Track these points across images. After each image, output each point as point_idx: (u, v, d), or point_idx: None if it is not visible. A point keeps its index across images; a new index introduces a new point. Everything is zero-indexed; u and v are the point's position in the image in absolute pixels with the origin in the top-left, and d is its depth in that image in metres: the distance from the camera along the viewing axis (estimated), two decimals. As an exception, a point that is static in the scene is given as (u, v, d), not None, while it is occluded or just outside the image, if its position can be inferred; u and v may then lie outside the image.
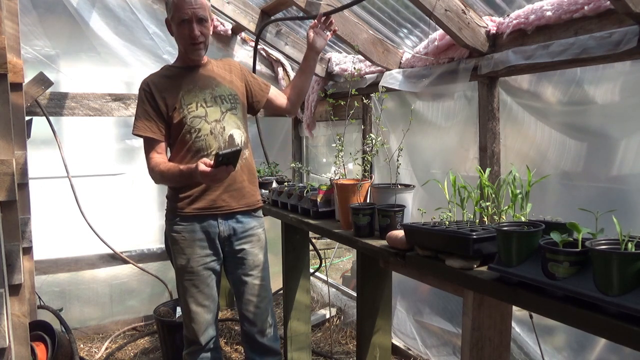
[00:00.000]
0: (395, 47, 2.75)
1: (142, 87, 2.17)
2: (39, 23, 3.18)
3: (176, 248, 2.18)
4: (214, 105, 2.16)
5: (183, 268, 2.18)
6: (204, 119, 2.13)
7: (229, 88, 2.23)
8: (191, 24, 2.05)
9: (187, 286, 2.18)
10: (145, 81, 2.19)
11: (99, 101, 3.30)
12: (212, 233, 2.17)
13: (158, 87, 2.15)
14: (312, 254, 3.27)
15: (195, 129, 2.12)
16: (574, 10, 1.77)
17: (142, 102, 2.16)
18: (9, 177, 1.79)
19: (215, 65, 2.27)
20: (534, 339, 2.08)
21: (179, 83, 2.16)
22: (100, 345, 3.39)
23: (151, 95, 2.14)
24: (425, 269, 1.66)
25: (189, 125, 2.11)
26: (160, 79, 2.18)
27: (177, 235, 2.17)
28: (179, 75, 2.18)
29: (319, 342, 3.42)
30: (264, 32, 3.18)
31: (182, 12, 2.03)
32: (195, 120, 2.12)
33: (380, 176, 2.93)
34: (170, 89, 2.15)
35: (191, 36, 2.06)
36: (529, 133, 2.16)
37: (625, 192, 1.81)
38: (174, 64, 2.25)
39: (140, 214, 3.64)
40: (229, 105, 2.20)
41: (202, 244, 2.17)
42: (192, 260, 2.16)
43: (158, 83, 2.16)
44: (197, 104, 2.14)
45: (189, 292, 2.18)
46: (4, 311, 1.57)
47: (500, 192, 1.64)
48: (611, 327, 1.08)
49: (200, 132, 2.12)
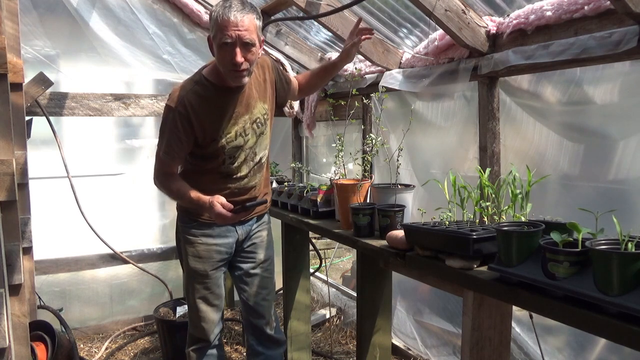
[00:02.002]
0: (395, 47, 2.75)
1: (178, 109, 1.91)
2: (39, 23, 3.18)
3: (191, 251, 2.14)
4: (251, 133, 2.06)
5: (196, 271, 2.15)
6: (241, 149, 2.04)
7: (263, 106, 2.09)
8: (234, 48, 1.79)
9: (199, 288, 2.16)
10: (182, 101, 1.92)
11: (99, 101, 3.30)
12: (230, 238, 2.16)
13: (197, 112, 1.92)
14: (312, 254, 3.27)
15: (233, 157, 2.04)
16: (574, 10, 1.77)
17: (174, 124, 1.93)
18: (9, 177, 1.79)
19: (254, 76, 2.05)
20: (534, 339, 2.08)
21: (218, 109, 1.96)
22: (100, 345, 3.39)
23: (188, 122, 1.92)
24: (425, 269, 1.66)
25: (227, 154, 2.02)
26: (199, 101, 1.93)
27: (193, 239, 2.13)
28: (217, 98, 1.96)
29: (319, 342, 3.42)
30: (264, 32, 3.18)
31: (226, 33, 1.77)
32: (233, 150, 2.03)
33: (380, 176, 2.93)
34: (210, 116, 1.95)
35: (233, 62, 1.81)
36: (529, 133, 2.16)
37: (625, 192, 1.81)
38: (210, 79, 1.97)
39: (140, 214, 3.64)
40: (263, 128, 2.10)
41: (219, 249, 2.15)
42: (208, 265, 2.14)
43: (196, 106, 1.93)
44: (237, 133, 2.01)
45: (200, 294, 2.17)
46: (4, 311, 1.57)
47: (500, 192, 1.64)
48: (611, 327, 1.08)
49: (236, 160, 2.05)
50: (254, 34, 1.82)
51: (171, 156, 2.00)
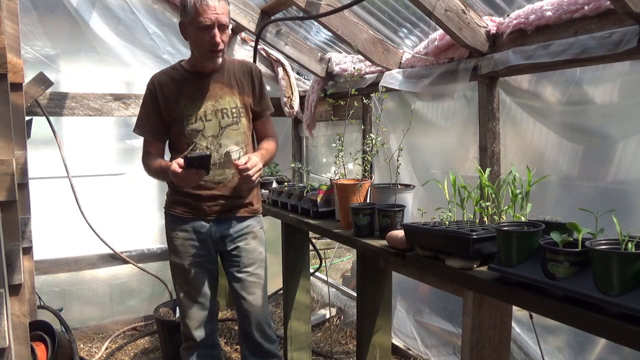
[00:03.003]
0: (395, 47, 2.75)
1: (149, 86, 2.14)
2: (39, 23, 3.18)
3: (171, 246, 2.24)
4: (214, 119, 2.11)
5: (176, 265, 2.23)
6: (202, 133, 2.10)
7: (234, 99, 2.15)
8: (213, 30, 1.94)
9: (181, 283, 2.23)
10: (153, 80, 2.14)
11: (99, 101, 3.30)
12: (203, 234, 2.19)
13: (163, 90, 2.10)
14: (312, 254, 3.27)
15: (192, 141, 2.09)
16: (574, 10, 1.77)
17: (145, 101, 2.14)
18: (9, 177, 1.79)
19: (229, 70, 2.17)
20: (534, 339, 2.08)
21: (183, 91, 2.10)
22: (100, 345, 3.39)
23: (155, 98, 2.11)
24: (425, 269, 1.66)
25: (187, 137, 2.10)
26: (168, 82, 2.12)
27: (172, 234, 2.22)
28: (186, 81, 2.11)
29: (319, 342, 3.42)
30: (264, 32, 3.18)
31: (205, 17, 1.91)
32: (193, 133, 2.10)
33: (380, 176, 2.93)
34: (174, 95, 2.10)
35: (212, 43, 1.96)
36: (529, 133, 2.16)
37: (624, 193, 1.81)
38: (185, 66, 2.15)
39: (141, 214, 3.64)
40: (230, 120, 2.13)
41: (193, 244, 2.19)
42: (185, 259, 2.20)
43: (165, 86, 2.11)
44: (197, 116, 2.09)
45: (183, 288, 2.23)
46: (4, 311, 1.57)
47: (500, 192, 1.64)
48: (611, 327, 1.08)
49: (196, 146, 2.10)
50: (227, 17, 1.99)
51: (142, 129, 2.16)
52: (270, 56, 3.69)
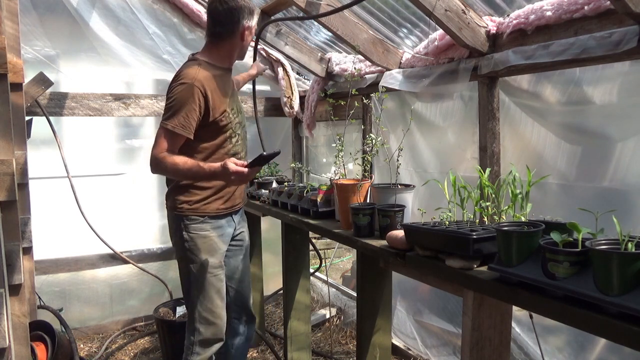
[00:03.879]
0: (395, 47, 2.75)
1: (195, 85, 2.02)
2: (39, 23, 3.18)
3: (204, 245, 2.16)
4: (240, 113, 2.28)
5: (211, 265, 2.18)
6: (240, 125, 2.26)
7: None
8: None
9: (214, 282, 2.19)
10: (197, 78, 2.03)
11: (99, 101, 3.30)
12: (230, 227, 2.29)
13: (211, 87, 2.07)
14: (312, 254, 3.27)
15: (236, 134, 2.22)
16: (574, 10, 1.77)
17: (188, 101, 2.01)
18: (9, 177, 1.79)
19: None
20: (534, 339, 2.08)
21: (223, 85, 2.14)
22: (100, 345, 3.39)
23: (204, 96, 2.04)
24: (426, 269, 1.66)
25: (233, 130, 2.20)
26: (208, 77, 2.07)
27: (205, 233, 2.17)
28: (220, 76, 2.14)
29: (319, 342, 3.42)
30: (264, 32, 3.18)
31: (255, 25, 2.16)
32: (237, 125, 2.23)
33: (380, 176, 2.93)
34: (218, 90, 2.10)
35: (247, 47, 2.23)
36: (527, 133, 2.16)
37: (624, 193, 1.80)
38: (211, 62, 2.14)
39: (141, 214, 3.64)
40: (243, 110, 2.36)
41: (225, 239, 2.26)
42: (219, 256, 2.22)
43: (211, 82, 2.07)
44: (237, 108, 2.25)
45: (216, 288, 2.20)
46: (4, 311, 1.57)
47: (500, 192, 1.64)
48: (611, 327, 1.08)
49: (239, 138, 2.24)
50: None
51: (184, 128, 2.01)
52: (270, 56, 3.69)
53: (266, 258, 3.52)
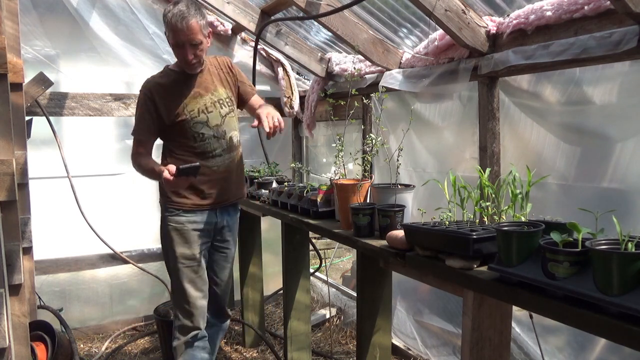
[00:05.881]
0: (395, 47, 2.75)
1: (144, 92, 2.26)
2: (39, 23, 3.18)
3: (178, 237, 2.29)
4: (214, 110, 2.29)
5: (184, 256, 2.29)
6: (206, 124, 2.27)
7: (225, 91, 2.35)
8: (185, 49, 2.13)
9: (187, 272, 2.30)
10: (146, 86, 2.27)
11: (99, 101, 3.30)
12: (211, 224, 2.34)
13: (161, 94, 2.24)
14: (312, 254, 3.27)
15: (199, 134, 2.26)
16: (574, 10, 1.77)
17: (141, 105, 2.27)
18: (9, 177, 1.79)
19: (211, 66, 2.35)
20: (534, 339, 2.08)
21: (180, 89, 2.25)
22: (100, 345, 3.39)
23: (152, 101, 2.23)
24: (426, 269, 1.66)
25: (193, 130, 2.25)
26: (163, 85, 2.25)
27: (179, 226, 2.29)
28: (179, 81, 2.26)
29: (319, 342, 3.42)
30: (264, 32, 3.18)
31: (176, 38, 2.11)
32: (198, 125, 2.25)
33: (380, 176, 2.93)
34: (172, 95, 2.24)
35: (185, 60, 2.17)
36: (527, 133, 2.16)
37: (624, 193, 1.80)
38: (174, 68, 2.31)
39: (140, 214, 3.64)
40: (228, 109, 2.33)
41: (200, 233, 2.32)
42: (194, 248, 2.30)
43: (161, 89, 2.25)
44: (199, 110, 2.26)
45: (189, 277, 2.30)
46: (4, 311, 1.57)
47: (500, 192, 1.64)
48: (611, 327, 1.08)
49: (205, 137, 2.26)
50: (199, 35, 2.13)
51: (140, 132, 2.27)
52: (270, 56, 3.70)
53: (266, 258, 3.52)
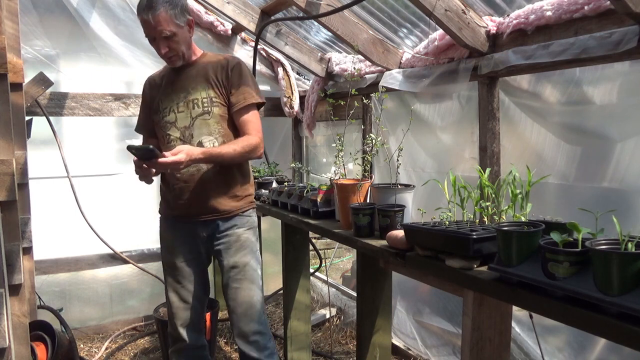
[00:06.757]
0: (395, 47, 2.75)
1: (143, 87, 2.33)
2: (39, 23, 3.18)
3: (162, 245, 2.29)
4: (185, 110, 2.12)
5: (167, 264, 2.26)
6: (174, 125, 2.14)
7: (207, 92, 2.11)
8: (157, 43, 2.05)
9: (170, 280, 2.24)
10: (148, 78, 2.33)
11: (99, 101, 3.30)
12: (190, 233, 2.19)
13: (150, 88, 2.28)
14: (312, 254, 3.27)
15: (166, 134, 2.16)
16: (574, 10, 1.77)
17: (141, 101, 2.34)
18: (9, 177, 1.79)
19: (207, 63, 2.15)
20: (534, 338, 2.08)
21: (165, 84, 2.22)
22: (100, 345, 3.39)
23: (145, 95, 2.29)
24: (425, 269, 1.66)
25: (162, 130, 2.18)
26: (154, 79, 2.29)
27: (163, 233, 2.29)
28: (166, 76, 2.24)
29: (319, 342, 3.42)
30: (264, 32, 3.18)
31: (147, 33, 2.04)
32: (167, 125, 2.16)
33: (380, 176, 2.93)
34: (157, 90, 2.24)
35: (160, 54, 2.09)
36: (527, 133, 2.16)
37: (624, 193, 1.80)
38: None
39: (141, 214, 3.63)
40: (200, 110, 2.10)
41: (183, 241, 2.21)
42: (175, 257, 2.22)
43: (151, 83, 2.28)
44: (170, 108, 2.16)
45: (172, 286, 2.24)
46: (4, 311, 1.57)
47: (500, 192, 1.64)
48: (611, 327, 1.08)
49: (171, 138, 2.14)
50: (170, 25, 1.99)
51: (138, 127, 2.34)
52: (270, 56, 3.69)
53: (266, 258, 3.52)
